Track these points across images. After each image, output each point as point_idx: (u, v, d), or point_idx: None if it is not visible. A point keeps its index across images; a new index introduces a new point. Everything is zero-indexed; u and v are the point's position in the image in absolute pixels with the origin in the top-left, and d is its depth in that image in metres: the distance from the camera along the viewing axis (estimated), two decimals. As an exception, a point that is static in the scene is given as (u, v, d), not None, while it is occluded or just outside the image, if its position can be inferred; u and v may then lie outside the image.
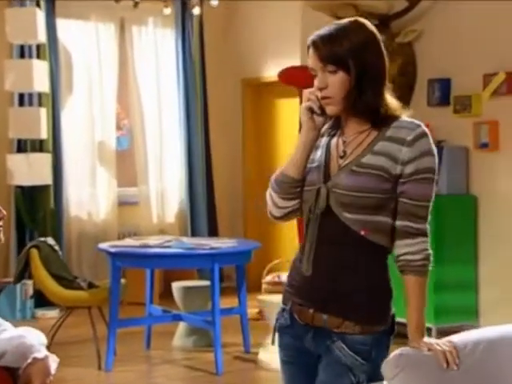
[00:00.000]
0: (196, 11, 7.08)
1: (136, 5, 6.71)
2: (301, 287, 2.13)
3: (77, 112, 7.22)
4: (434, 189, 2.07)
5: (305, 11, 6.64)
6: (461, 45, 5.61)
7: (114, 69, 7.39)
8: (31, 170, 6.65)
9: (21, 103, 6.83)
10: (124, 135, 7.72)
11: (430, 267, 2.07)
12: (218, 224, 7.74)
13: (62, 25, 7.06)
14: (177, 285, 5.66)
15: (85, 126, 7.26)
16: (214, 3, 6.78)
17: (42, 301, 6.20)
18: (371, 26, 2.08)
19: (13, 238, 6.80)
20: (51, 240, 5.39)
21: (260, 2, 7.54)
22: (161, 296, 6.94)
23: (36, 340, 2.29)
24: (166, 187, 7.63)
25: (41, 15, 6.75)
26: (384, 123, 2.07)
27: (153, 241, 5.28)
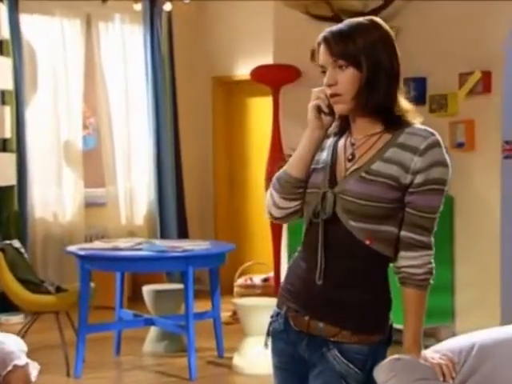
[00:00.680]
0: (167, 7, 7.02)
1: (105, 1, 6.63)
2: (298, 293, 2.09)
3: (42, 110, 7.10)
4: (443, 201, 2.03)
5: (277, 9, 6.63)
6: (436, 43, 5.63)
7: (80, 66, 7.29)
8: (-6, 170, 6.54)
9: (-17, 101, 6.72)
10: (90, 134, 7.62)
11: (432, 281, 2.05)
12: (188, 225, 7.69)
13: (26, 20, 6.93)
14: (148, 288, 5.59)
15: (50, 125, 7.15)
16: (186, 0, 6.74)
17: (6, 305, 6.10)
18: (386, 26, 2.05)
19: (-25, 241, 6.68)
20: (17, 243, 5.30)
21: (231, -1, 7.51)
22: (128, 300, 6.86)
23: (15, 346, 2.23)
24: (135, 187, 7.55)
25: (4, 10, 6.64)
26: (397, 127, 2.02)
27: (123, 243, 5.22)
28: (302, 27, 6.28)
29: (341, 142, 2.10)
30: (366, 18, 2.05)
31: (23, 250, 5.30)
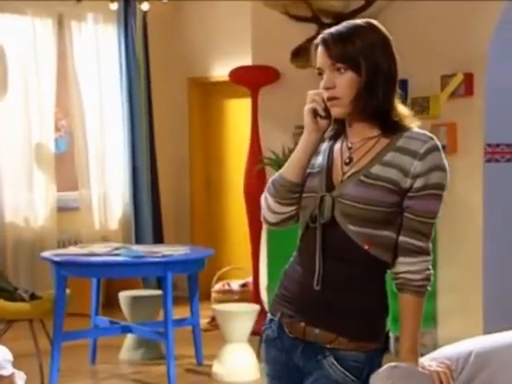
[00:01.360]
0: (145, 7, 6.98)
1: (79, 0, 6.58)
2: (294, 298, 2.08)
3: (12, 112, 7.01)
4: (441, 206, 2.03)
5: (255, 9, 6.61)
6: (418, 45, 5.65)
7: (52, 66, 7.22)
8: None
9: (-49, 102, 6.63)
10: (62, 137, 7.55)
11: (429, 288, 2.05)
12: (164, 230, 7.64)
13: (-3, 19, 6.87)
14: (124, 294, 5.55)
15: (21, 127, 7.06)
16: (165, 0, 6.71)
17: (-23, 314, 6.00)
18: (384, 29, 2.05)
19: None
20: (-12, 249, 5.23)
21: (208, -1, 7.49)
22: (102, 306, 6.80)
23: (1, 356, 2.19)
24: (109, 191, 7.49)
25: (-27, 9, 6.57)
26: (395, 132, 2.02)
27: (100, 248, 5.17)
28: (281, 28, 6.28)
29: (337, 146, 2.09)
30: (364, 21, 2.05)
31: (-5, 257, 5.24)
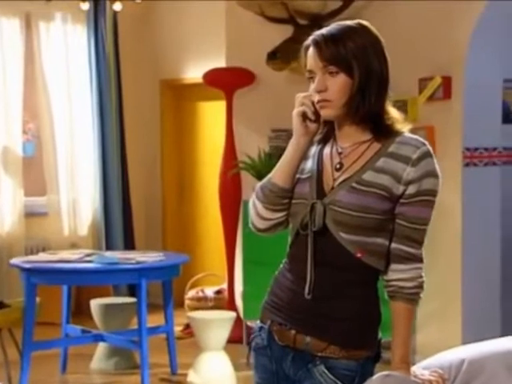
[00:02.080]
0: (117, 7, 6.93)
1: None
2: (284, 305, 2.06)
3: (-23, 114, 6.94)
4: (433, 212, 2.04)
5: (229, 9, 6.60)
6: (396, 47, 5.60)
7: (19, 67, 7.14)
8: None
9: None
10: (29, 140, 7.47)
11: (422, 295, 2.05)
12: (135, 235, 7.59)
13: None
14: (96, 302, 5.50)
15: (-14, 130, 6.99)
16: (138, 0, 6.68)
17: None
18: (375, 30, 2.05)
19: None
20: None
21: (180, -1, 7.47)
22: (72, 315, 6.72)
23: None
24: (78, 196, 7.41)
25: None
26: (386, 136, 2.02)
27: (71, 255, 5.12)
28: (256, 29, 6.27)
29: (326, 151, 2.08)
30: (355, 22, 2.05)
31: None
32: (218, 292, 6.75)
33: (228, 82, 6.31)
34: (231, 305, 6.26)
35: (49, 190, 7.33)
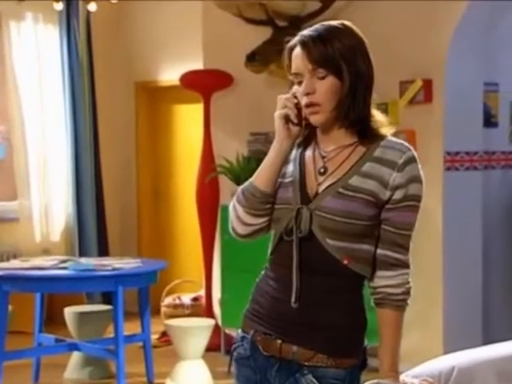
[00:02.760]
0: (92, 7, 6.90)
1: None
2: (269, 314, 2.04)
3: None
4: (417, 218, 2.04)
5: (206, 10, 6.60)
6: (376, 50, 5.64)
7: (-11, 68, 7.10)
8: None
9: None
10: (0, 143, 7.41)
11: (409, 302, 2.05)
12: (109, 242, 7.55)
13: None
14: (70, 310, 5.46)
15: (-44, 133, 6.93)
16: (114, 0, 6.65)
17: None
18: (359, 31, 2.05)
19: None
20: None
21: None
22: (45, 323, 6.66)
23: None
24: (51, 201, 7.36)
25: None
26: (372, 140, 2.01)
27: (45, 262, 5.08)
28: (234, 30, 6.28)
29: (308, 154, 2.07)
30: (339, 22, 2.04)
31: None
32: (195, 299, 6.73)
33: (205, 85, 6.30)
34: (208, 312, 6.24)
35: (20, 195, 7.27)
